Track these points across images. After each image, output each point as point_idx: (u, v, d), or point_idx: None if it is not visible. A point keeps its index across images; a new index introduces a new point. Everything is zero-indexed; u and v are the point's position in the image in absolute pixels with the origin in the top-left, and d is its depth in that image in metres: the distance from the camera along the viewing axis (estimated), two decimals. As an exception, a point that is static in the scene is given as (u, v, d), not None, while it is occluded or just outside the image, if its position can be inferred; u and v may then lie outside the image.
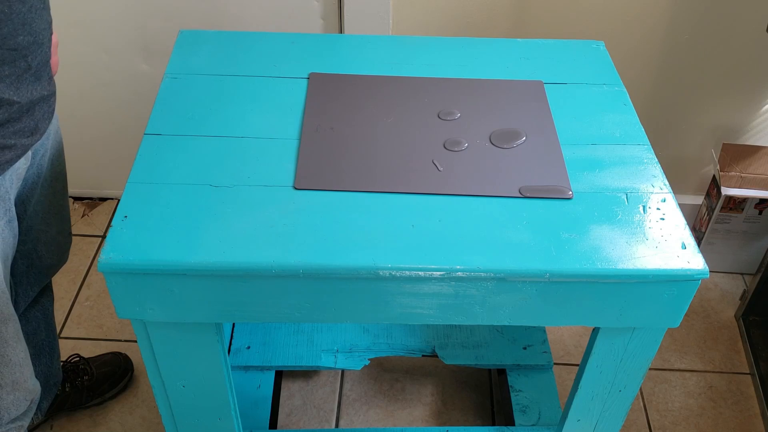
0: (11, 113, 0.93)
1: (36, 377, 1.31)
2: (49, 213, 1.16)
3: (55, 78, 1.76)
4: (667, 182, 1.02)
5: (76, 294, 1.76)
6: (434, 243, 0.90)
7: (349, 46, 1.25)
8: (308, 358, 1.46)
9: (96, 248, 1.88)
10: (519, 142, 1.06)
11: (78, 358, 1.51)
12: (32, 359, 1.29)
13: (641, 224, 0.94)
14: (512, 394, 1.43)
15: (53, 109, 1.02)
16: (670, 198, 0.99)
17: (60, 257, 1.24)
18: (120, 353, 1.58)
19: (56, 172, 1.15)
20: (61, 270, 1.78)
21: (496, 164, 1.02)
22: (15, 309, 1.18)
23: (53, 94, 1.02)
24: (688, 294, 0.91)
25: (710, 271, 1.74)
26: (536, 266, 0.88)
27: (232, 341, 1.47)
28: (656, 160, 1.05)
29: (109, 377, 1.52)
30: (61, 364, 1.49)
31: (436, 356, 1.49)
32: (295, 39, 1.25)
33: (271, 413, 1.40)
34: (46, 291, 1.29)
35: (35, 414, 1.38)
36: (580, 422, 1.13)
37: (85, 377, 1.48)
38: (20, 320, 1.22)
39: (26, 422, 1.17)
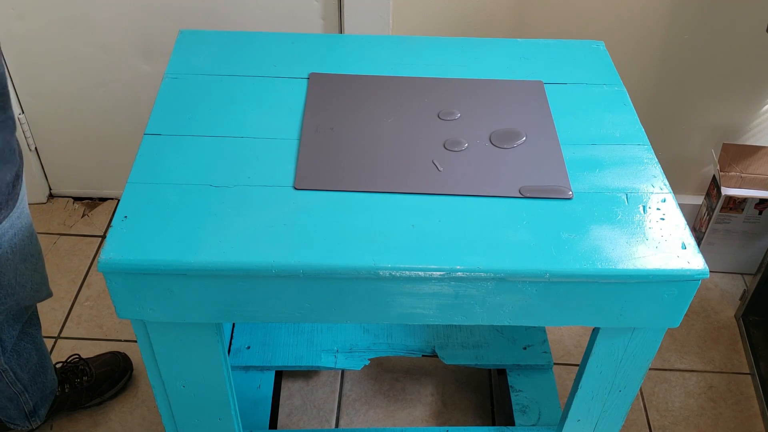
0: None
1: (33, 395, 1.34)
2: (41, 283, 1.23)
3: (55, 78, 1.77)
4: (667, 182, 1.02)
5: (76, 294, 1.76)
6: (434, 243, 0.90)
7: (349, 46, 1.25)
8: (308, 358, 1.46)
9: (96, 248, 1.88)
10: (519, 142, 1.06)
11: (77, 359, 1.51)
12: (28, 383, 1.32)
13: (641, 224, 0.94)
14: (512, 394, 1.43)
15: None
16: (670, 198, 0.99)
17: (40, 301, 1.29)
18: (119, 353, 1.58)
19: (36, 250, 1.20)
20: (61, 270, 1.80)
21: (496, 164, 1.02)
22: (3, 352, 1.23)
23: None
24: (688, 294, 0.91)
25: (710, 271, 1.74)
26: (536, 266, 0.88)
27: (232, 341, 1.47)
28: (656, 160, 1.05)
29: (108, 377, 1.52)
30: (61, 364, 1.49)
31: (436, 356, 1.49)
32: (295, 39, 1.25)
33: (271, 413, 1.40)
34: (32, 319, 1.31)
35: (33, 419, 1.38)
36: (580, 422, 1.13)
37: (84, 378, 1.48)
38: (12, 356, 1.26)
39: None
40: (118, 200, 0.97)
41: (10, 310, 1.20)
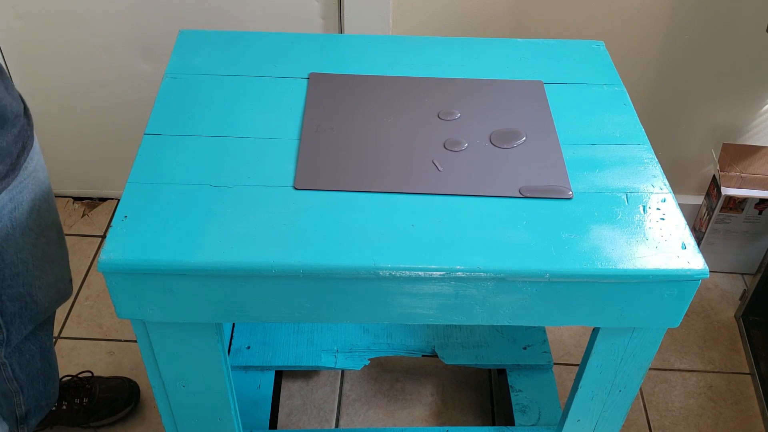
0: None
1: (27, 399, 1.29)
2: (44, 261, 1.17)
3: (56, 78, 1.76)
4: (667, 182, 1.02)
5: (76, 294, 1.76)
6: (434, 243, 0.90)
7: (349, 46, 1.25)
8: (308, 358, 1.46)
9: (96, 248, 1.88)
10: (519, 142, 1.06)
11: (89, 375, 1.48)
12: (25, 384, 1.28)
13: (641, 224, 0.94)
14: (512, 394, 1.43)
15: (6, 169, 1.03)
16: (670, 198, 0.99)
17: (58, 301, 1.24)
18: (129, 380, 1.53)
19: (47, 222, 1.15)
20: (61, 270, 1.79)
21: (496, 164, 1.02)
22: (7, 345, 1.18)
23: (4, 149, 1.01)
24: (688, 294, 0.91)
25: (710, 271, 1.74)
26: (536, 266, 0.88)
27: (232, 341, 1.47)
28: (656, 160, 1.05)
29: (108, 404, 1.48)
30: (69, 378, 1.47)
31: (436, 356, 1.49)
32: (295, 39, 1.25)
33: (271, 413, 1.40)
34: (45, 325, 1.27)
35: (22, 426, 1.35)
36: (580, 422, 1.13)
37: (85, 399, 1.45)
38: (14, 353, 1.23)
39: None
40: (118, 200, 0.97)
41: (25, 303, 1.16)
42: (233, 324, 1.50)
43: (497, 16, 1.59)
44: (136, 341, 1.53)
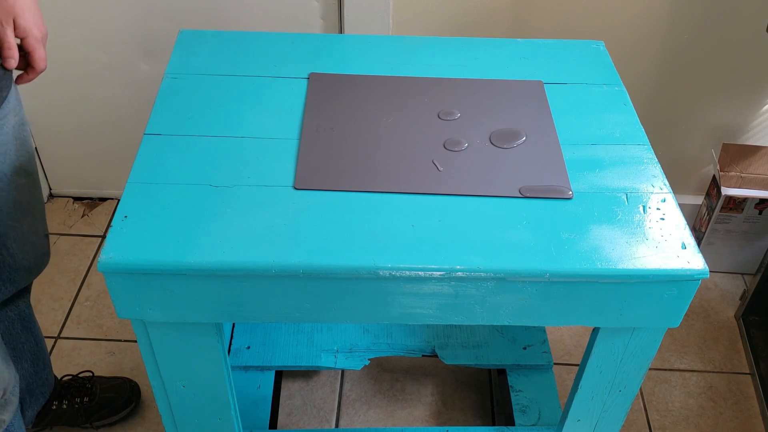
0: None
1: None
2: (16, 209, 1.12)
3: (55, 78, 1.76)
4: (667, 182, 1.02)
5: (76, 294, 1.76)
6: (434, 243, 0.90)
7: (349, 46, 1.25)
8: (308, 358, 1.46)
9: (96, 248, 1.88)
10: (519, 142, 1.06)
11: (89, 375, 1.47)
12: (13, 356, 1.23)
13: (641, 224, 0.94)
14: (512, 394, 1.43)
15: None
16: (670, 198, 0.99)
17: (37, 260, 1.21)
18: (130, 381, 1.52)
19: (16, 167, 1.10)
20: (61, 270, 1.80)
21: (496, 164, 1.02)
22: None
23: None
24: (688, 294, 0.91)
25: (710, 271, 1.74)
26: (536, 266, 0.88)
27: (232, 341, 1.47)
28: (656, 160, 1.05)
29: (109, 404, 1.47)
30: (70, 378, 1.46)
31: (436, 356, 1.49)
32: (295, 39, 1.25)
33: (271, 413, 1.40)
34: (23, 294, 1.25)
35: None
36: (580, 422, 1.13)
37: (86, 399, 1.44)
38: None
39: (6, 417, 1.12)
40: (118, 200, 0.96)
41: (3, 260, 1.12)
42: (233, 324, 1.50)
43: (497, 15, 1.59)
44: (136, 341, 1.53)
